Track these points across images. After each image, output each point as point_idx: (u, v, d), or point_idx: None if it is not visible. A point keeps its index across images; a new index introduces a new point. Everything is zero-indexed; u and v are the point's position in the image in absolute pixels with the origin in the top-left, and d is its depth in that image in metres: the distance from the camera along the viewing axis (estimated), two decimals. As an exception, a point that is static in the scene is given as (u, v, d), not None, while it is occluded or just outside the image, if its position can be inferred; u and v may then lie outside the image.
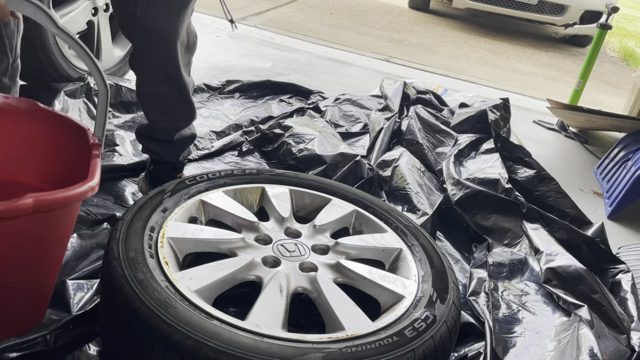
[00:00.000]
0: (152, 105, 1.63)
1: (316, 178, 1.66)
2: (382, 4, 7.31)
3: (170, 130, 1.69)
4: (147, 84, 1.59)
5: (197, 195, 1.43)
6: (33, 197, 0.84)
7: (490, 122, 2.48)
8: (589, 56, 3.46)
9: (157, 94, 1.60)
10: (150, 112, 1.65)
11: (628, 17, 11.16)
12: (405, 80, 3.02)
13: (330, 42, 4.64)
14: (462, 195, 1.98)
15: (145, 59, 1.53)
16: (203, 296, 1.11)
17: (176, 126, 1.70)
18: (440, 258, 1.36)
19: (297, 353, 0.97)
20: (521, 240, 1.83)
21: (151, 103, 1.63)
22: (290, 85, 2.97)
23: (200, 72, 3.10)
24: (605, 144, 3.24)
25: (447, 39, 5.95)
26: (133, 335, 0.99)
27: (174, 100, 1.62)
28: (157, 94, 1.60)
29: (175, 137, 1.71)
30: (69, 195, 0.91)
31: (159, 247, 1.20)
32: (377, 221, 1.50)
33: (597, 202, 2.49)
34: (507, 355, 1.35)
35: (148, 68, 1.55)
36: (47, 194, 0.87)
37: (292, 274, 1.23)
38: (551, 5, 6.50)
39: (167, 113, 1.65)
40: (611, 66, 6.47)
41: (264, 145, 2.28)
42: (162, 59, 1.53)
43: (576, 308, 1.50)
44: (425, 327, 1.10)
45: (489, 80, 4.50)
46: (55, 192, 0.89)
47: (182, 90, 1.61)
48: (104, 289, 1.12)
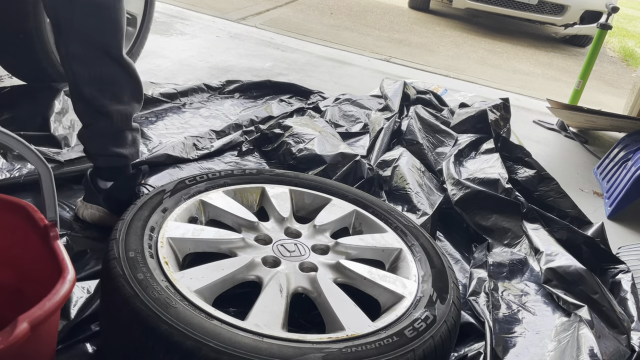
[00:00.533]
0: (100, 87, 1.45)
1: (316, 178, 1.66)
2: (382, 4, 7.31)
3: (127, 114, 1.52)
4: (91, 67, 1.43)
5: (197, 195, 1.43)
6: (27, 320, 0.79)
7: (490, 122, 2.48)
8: (589, 56, 3.46)
9: (106, 74, 1.45)
10: (99, 94, 1.45)
11: (628, 17, 11.16)
12: (405, 80, 3.02)
13: (330, 42, 4.64)
14: (462, 195, 1.98)
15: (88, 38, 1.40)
16: (203, 296, 1.11)
17: (130, 108, 1.52)
18: (440, 258, 1.36)
19: (297, 353, 0.97)
20: (521, 240, 1.83)
21: (99, 85, 1.45)
22: (290, 85, 2.97)
23: (200, 72, 3.10)
24: (605, 144, 3.24)
25: (447, 39, 5.95)
26: (133, 335, 0.99)
27: (124, 78, 1.48)
28: (105, 73, 1.44)
29: (133, 126, 1.56)
30: (58, 300, 0.84)
31: (159, 247, 1.20)
32: (377, 221, 1.50)
33: (597, 202, 2.49)
34: (507, 355, 1.35)
35: (91, 49, 1.41)
36: (38, 310, 0.82)
37: (292, 274, 1.23)
38: (551, 5, 6.50)
39: (117, 93, 1.48)
40: (611, 66, 6.47)
41: (263, 145, 2.28)
42: (107, 39, 1.42)
43: (576, 308, 1.50)
44: (425, 327, 1.10)
45: (489, 80, 4.50)
46: (43, 304, 0.83)
47: (129, 68, 1.48)
48: (103, 289, 1.12)
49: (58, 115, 2.00)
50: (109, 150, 1.51)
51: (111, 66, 1.45)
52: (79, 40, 1.40)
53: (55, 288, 0.86)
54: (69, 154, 1.86)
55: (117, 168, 1.54)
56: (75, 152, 1.88)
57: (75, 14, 1.37)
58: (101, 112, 1.47)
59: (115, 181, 1.53)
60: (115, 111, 1.48)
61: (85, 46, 1.41)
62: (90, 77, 1.44)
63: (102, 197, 1.52)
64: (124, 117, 1.52)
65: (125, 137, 1.53)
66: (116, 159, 1.52)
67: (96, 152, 1.52)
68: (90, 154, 1.54)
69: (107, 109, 1.47)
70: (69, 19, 1.38)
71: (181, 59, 3.27)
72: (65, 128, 1.99)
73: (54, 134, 1.91)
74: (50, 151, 1.84)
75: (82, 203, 1.55)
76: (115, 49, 1.44)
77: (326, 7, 6.33)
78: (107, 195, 1.53)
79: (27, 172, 1.67)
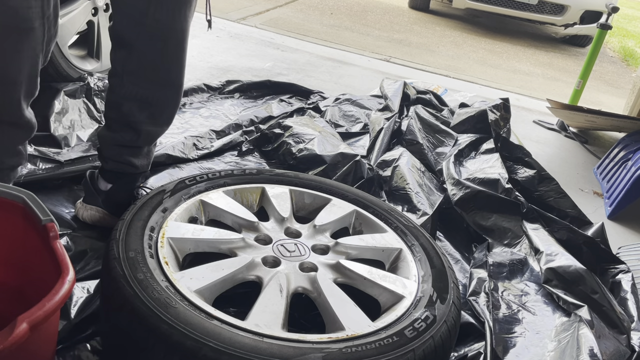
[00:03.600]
0: (141, 106, 1.44)
1: (316, 178, 1.66)
2: (382, 4, 7.31)
3: (154, 135, 1.52)
4: (143, 87, 1.42)
5: (197, 195, 1.43)
6: (26, 320, 0.78)
7: (490, 122, 2.48)
8: (589, 56, 3.46)
9: (153, 96, 1.43)
10: (137, 112, 1.44)
11: (628, 17, 11.16)
12: (405, 80, 3.02)
13: (330, 42, 4.64)
14: (462, 195, 1.98)
15: (149, 62, 1.39)
16: (203, 296, 1.11)
17: (160, 130, 1.52)
18: (440, 258, 1.36)
19: (297, 353, 0.97)
20: (521, 240, 1.83)
21: (141, 104, 1.44)
22: (290, 85, 2.97)
23: (200, 72, 3.10)
24: (605, 144, 3.24)
25: (447, 39, 5.95)
26: (133, 335, 0.99)
27: (170, 102, 1.47)
28: (153, 96, 1.43)
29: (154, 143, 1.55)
30: (57, 300, 0.83)
31: (159, 247, 1.20)
32: (377, 221, 1.50)
33: (597, 202, 2.49)
34: (507, 355, 1.35)
35: (149, 71, 1.40)
36: (37, 310, 0.81)
37: (292, 274, 1.23)
38: (551, 5, 6.50)
39: (155, 115, 1.47)
40: (611, 66, 6.47)
41: (263, 145, 2.28)
42: (170, 62, 1.40)
43: (576, 308, 1.50)
44: (425, 327, 1.10)
45: (489, 80, 4.50)
46: (43, 305, 0.82)
47: (180, 91, 1.47)
48: (103, 289, 1.12)
49: (58, 115, 2.00)
50: (123, 157, 1.50)
51: (162, 91, 1.43)
52: (139, 61, 1.38)
53: (55, 288, 0.85)
54: (69, 154, 1.86)
55: (121, 173, 1.53)
56: (75, 152, 1.88)
57: (141, 36, 1.34)
58: (132, 127, 1.46)
59: (115, 184, 1.52)
60: (146, 131, 1.48)
61: (144, 68, 1.39)
62: (137, 95, 1.42)
63: (101, 199, 1.52)
64: (152, 137, 1.52)
65: (142, 150, 1.53)
66: (126, 166, 1.51)
67: (109, 156, 1.51)
68: (102, 155, 1.52)
69: (140, 127, 1.46)
70: (134, 39, 1.35)
71: (181, 59, 3.26)
72: (65, 128, 1.99)
73: (54, 134, 1.91)
74: (50, 151, 1.84)
75: (81, 204, 1.55)
76: (176, 74, 1.42)
77: (326, 7, 6.33)
78: (107, 197, 1.52)
79: (26, 172, 1.67)
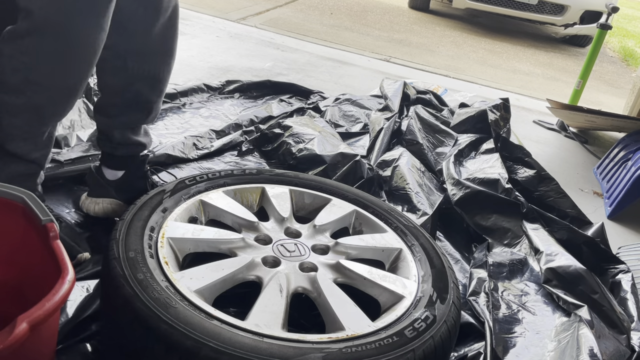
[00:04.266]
0: (154, 84, 1.49)
1: (316, 178, 1.66)
2: (382, 4, 7.31)
3: (158, 112, 1.57)
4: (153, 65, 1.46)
5: (197, 195, 1.43)
6: (26, 320, 0.78)
7: (490, 122, 2.48)
8: (589, 56, 3.46)
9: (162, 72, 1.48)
10: (149, 91, 1.49)
11: (628, 17, 11.16)
12: (405, 80, 3.02)
13: (330, 42, 4.64)
14: (462, 195, 1.98)
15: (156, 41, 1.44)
16: (203, 296, 1.11)
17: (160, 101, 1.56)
18: (440, 258, 1.36)
19: (297, 353, 0.97)
20: (521, 240, 1.83)
21: (153, 82, 1.48)
22: (290, 85, 2.97)
23: (200, 72, 3.10)
24: (605, 144, 3.24)
25: (447, 39, 5.95)
26: (133, 335, 0.99)
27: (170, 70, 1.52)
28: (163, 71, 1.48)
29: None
30: (57, 300, 0.83)
31: (159, 247, 1.20)
32: (377, 221, 1.50)
33: (597, 202, 2.49)
34: (507, 355, 1.35)
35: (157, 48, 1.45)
36: (37, 310, 0.81)
37: (292, 274, 1.23)
38: (551, 5, 6.50)
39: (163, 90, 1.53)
40: (611, 66, 6.47)
41: (263, 145, 2.28)
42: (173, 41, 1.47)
43: (576, 308, 1.50)
44: (425, 327, 1.10)
45: (489, 80, 4.50)
46: (43, 304, 0.82)
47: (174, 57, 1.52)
48: (103, 289, 1.12)
49: (58, 115, 2.00)
50: (130, 139, 1.53)
51: (170, 64, 1.48)
52: (145, 41, 1.41)
53: (55, 288, 0.85)
54: (69, 154, 1.85)
55: (130, 156, 1.55)
56: (75, 152, 1.88)
57: (148, 16, 1.38)
58: (144, 107, 1.49)
59: (127, 169, 1.54)
60: (156, 108, 1.52)
61: (152, 46, 1.43)
62: (149, 74, 1.45)
63: (113, 189, 1.52)
64: (157, 113, 1.55)
65: (141, 127, 1.56)
66: (135, 147, 1.55)
67: (119, 141, 1.52)
68: (110, 143, 1.53)
69: (151, 105, 1.50)
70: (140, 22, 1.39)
71: (181, 59, 3.26)
72: (65, 128, 1.99)
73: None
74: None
75: (89, 199, 1.53)
76: (176, 49, 1.48)
77: (326, 7, 6.33)
78: (119, 185, 1.52)
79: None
